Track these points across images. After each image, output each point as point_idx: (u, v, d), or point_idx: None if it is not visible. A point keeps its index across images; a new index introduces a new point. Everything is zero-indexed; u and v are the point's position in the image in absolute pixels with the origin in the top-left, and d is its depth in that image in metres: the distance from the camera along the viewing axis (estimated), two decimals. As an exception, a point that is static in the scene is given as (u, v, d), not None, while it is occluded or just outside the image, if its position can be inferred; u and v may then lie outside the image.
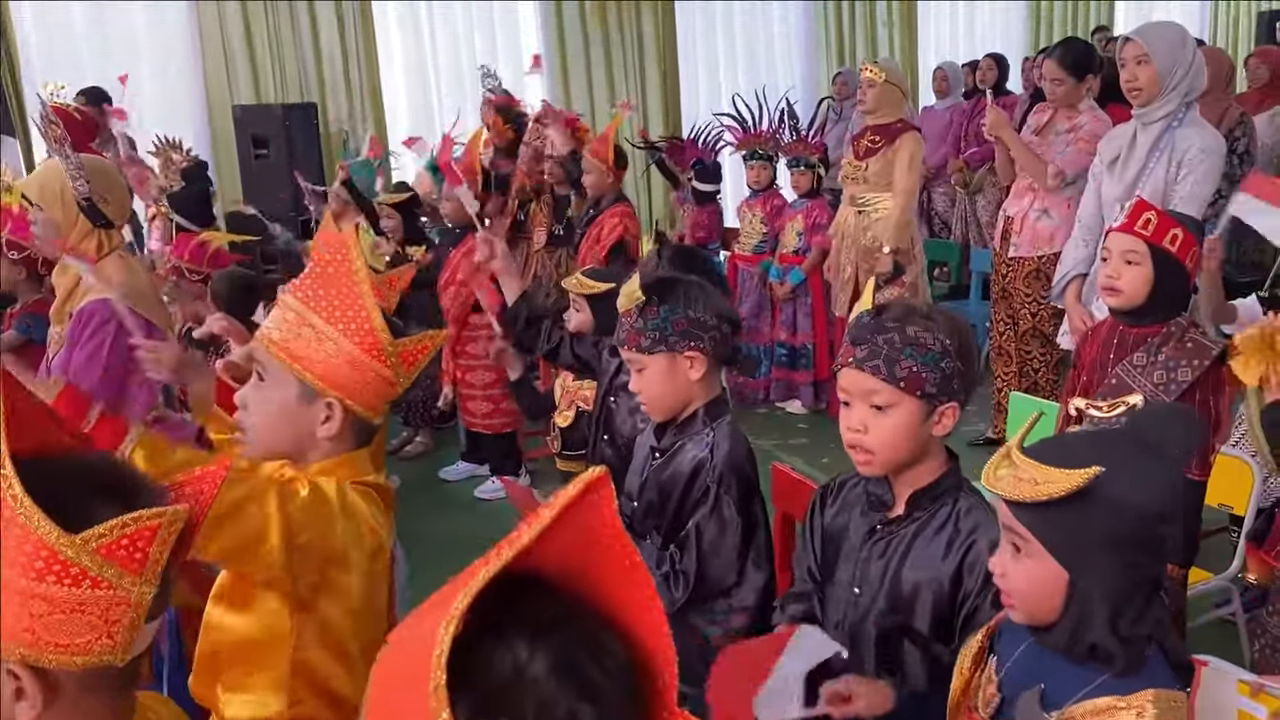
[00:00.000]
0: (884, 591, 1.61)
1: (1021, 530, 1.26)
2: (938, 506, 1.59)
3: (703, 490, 1.93)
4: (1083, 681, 1.27)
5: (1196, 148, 3.15)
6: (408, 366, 1.57)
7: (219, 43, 7.07)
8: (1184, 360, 2.28)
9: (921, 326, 1.54)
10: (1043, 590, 1.27)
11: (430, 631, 0.60)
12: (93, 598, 0.92)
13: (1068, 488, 1.19)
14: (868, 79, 4.81)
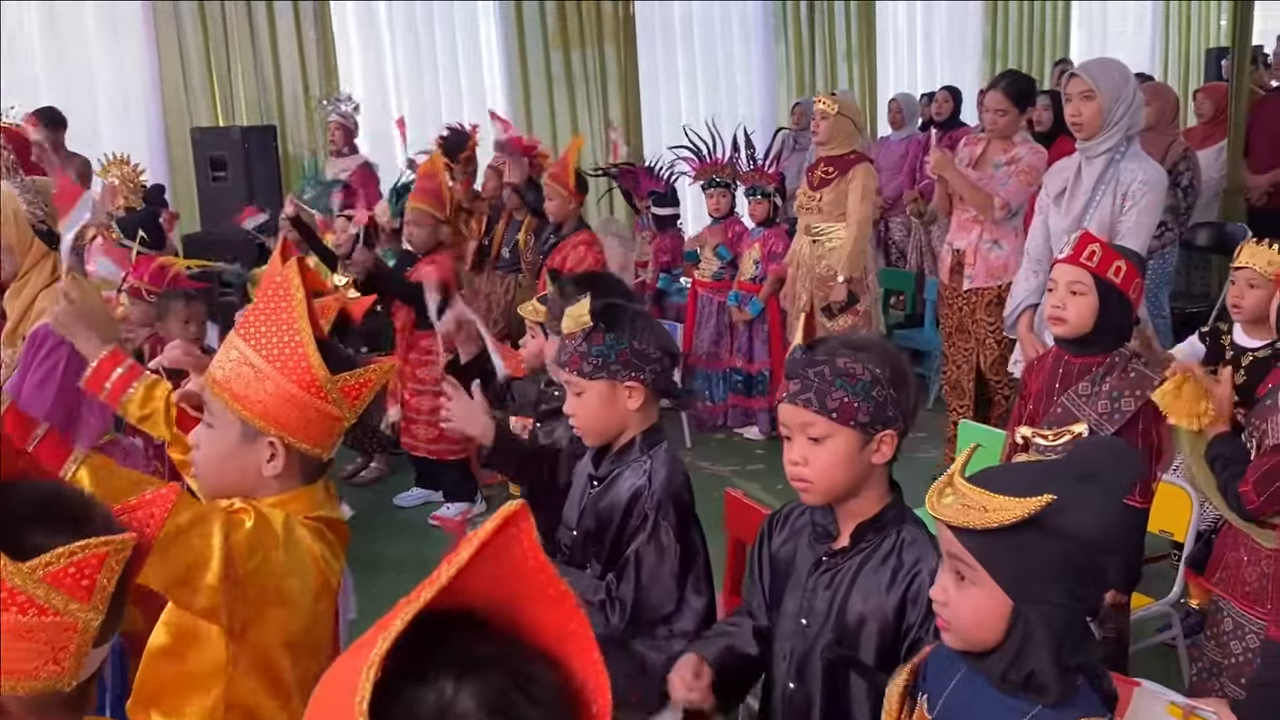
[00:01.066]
0: (830, 623, 1.63)
1: (968, 558, 1.26)
2: (881, 538, 1.61)
3: (641, 518, 1.93)
4: (1017, 715, 1.28)
5: (1140, 181, 3.23)
6: (352, 401, 1.56)
7: (177, 65, 7.03)
8: (1127, 390, 2.34)
9: (851, 358, 1.57)
10: (986, 618, 1.27)
11: (354, 673, 0.61)
12: (40, 625, 0.92)
13: (1019, 515, 1.19)
14: (821, 110, 4.90)
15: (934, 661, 1.42)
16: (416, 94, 7.99)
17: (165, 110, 7.08)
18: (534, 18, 8.20)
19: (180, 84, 7.05)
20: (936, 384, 6.02)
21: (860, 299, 4.93)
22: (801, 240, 5.08)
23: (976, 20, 10.52)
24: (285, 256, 1.67)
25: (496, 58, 8.29)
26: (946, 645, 1.36)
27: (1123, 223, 3.21)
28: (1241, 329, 2.81)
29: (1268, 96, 6.45)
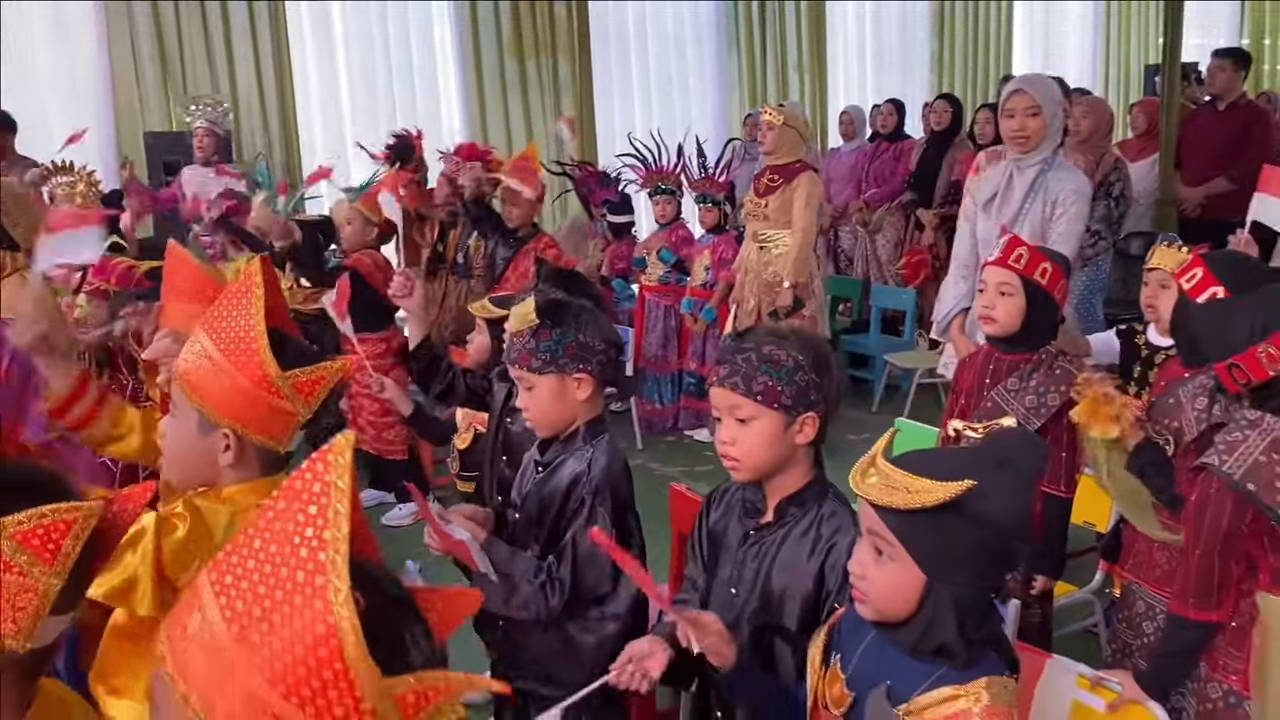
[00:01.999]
0: (756, 592, 1.74)
1: (888, 535, 1.35)
2: (804, 512, 1.73)
3: (579, 502, 2.02)
4: (923, 675, 1.38)
5: (1070, 189, 3.38)
6: (305, 397, 1.61)
7: (130, 68, 7.02)
8: (1053, 386, 2.46)
9: (775, 345, 1.69)
10: (899, 592, 1.36)
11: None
12: (2, 582, 0.98)
13: (941, 498, 1.28)
14: (767, 121, 5.03)
15: (846, 624, 1.52)
16: (371, 100, 8.03)
17: (117, 114, 7.06)
18: (489, 25, 8.28)
19: (133, 88, 7.03)
20: (880, 388, 6.19)
21: (805, 304, 5.05)
22: (749, 247, 5.20)
23: (924, 35, 10.75)
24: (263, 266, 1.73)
25: (452, 65, 8.35)
26: (862, 617, 1.44)
27: (1053, 229, 3.34)
28: (1155, 329, 2.95)
29: (1197, 111, 6.66)
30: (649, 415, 5.75)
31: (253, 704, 0.76)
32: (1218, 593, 1.91)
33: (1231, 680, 1.97)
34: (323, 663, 0.76)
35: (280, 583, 0.77)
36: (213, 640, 0.77)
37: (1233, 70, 6.05)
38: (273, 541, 0.79)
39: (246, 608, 0.77)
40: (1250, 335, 1.83)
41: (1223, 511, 1.87)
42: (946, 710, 1.34)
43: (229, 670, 0.76)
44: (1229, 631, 1.97)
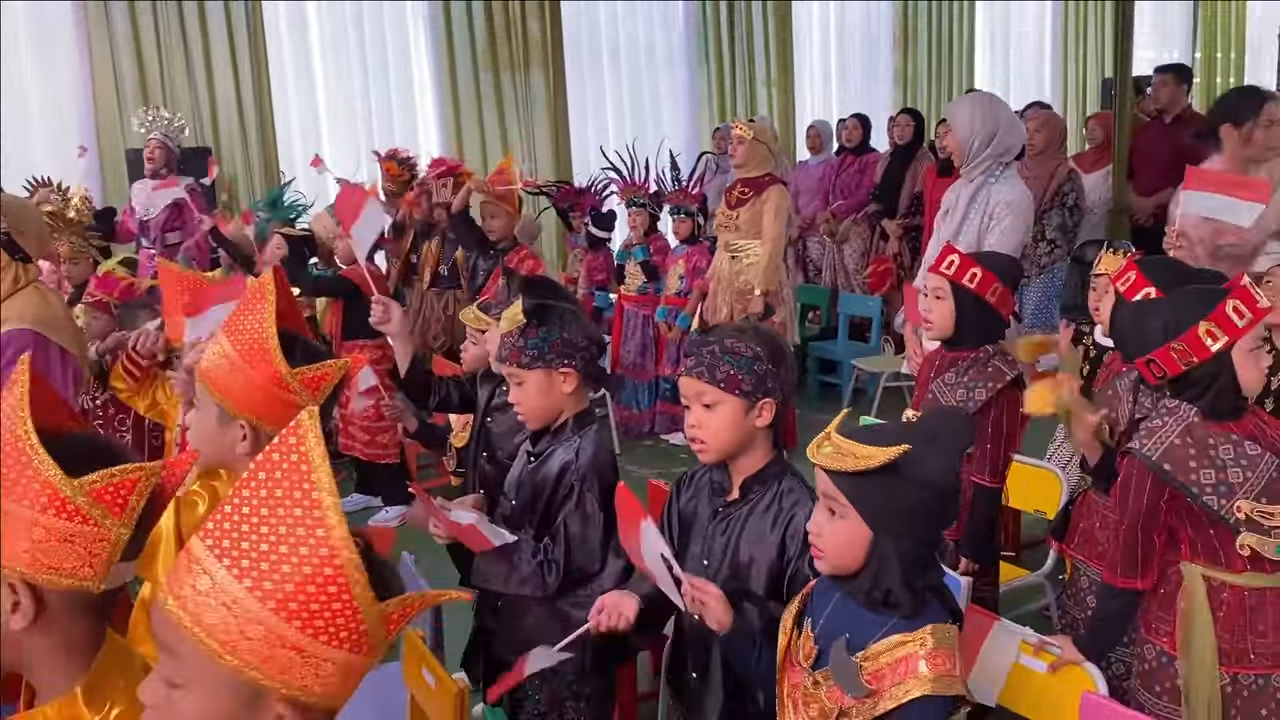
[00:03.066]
0: (726, 562, 1.94)
1: (840, 496, 1.57)
2: (765, 489, 1.93)
3: (568, 488, 2.20)
4: (877, 626, 1.59)
5: (1004, 202, 3.58)
6: (313, 391, 1.82)
7: (111, 89, 7.13)
8: (982, 382, 2.68)
9: (736, 339, 1.90)
10: (850, 547, 1.59)
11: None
12: (81, 532, 1.16)
13: (883, 460, 1.51)
14: (737, 136, 5.25)
15: (816, 593, 1.74)
16: (348, 114, 8.19)
17: (99, 131, 7.17)
18: (464, 40, 8.46)
19: (114, 106, 7.14)
20: (849, 391, 6.40)
21: (776, 310, 5.26)
22: (721, 256, 5.41)
23: (887, 50, 11.03)
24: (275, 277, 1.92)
25: (428, 79, 8.52)
26: (820, 572, 1.67)
27: (988, 239, 3.56)
28: (1101, 330, 3.16)
29: (1147, 124, 6.93)
30: (626, 420, 5.93)
31: (271, 639, 0.96)
32: (1142, 564, 2.11)
33: (1163, 642, 2.16)
34: (333, 597, 0.96)
35: (283, 538, 0.95)
36: (228, 595, 0.95)
37: (1175, 85, 6.31)
38: (264, 504, 0.97)
39: (254, 564, 0.95)
40: (1164, 333, 2.03)
41: (1144, 490, 2.06)
42: (897, 654, 1.55)
43: (248, 617, 0.95)
44: (1159, 598, 2.16)
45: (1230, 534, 2.01)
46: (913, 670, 1.53)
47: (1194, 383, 2.03)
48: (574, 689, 2.34)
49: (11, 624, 1.16)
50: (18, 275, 2.80)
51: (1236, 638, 2.05)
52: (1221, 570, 2.05)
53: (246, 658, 0.96)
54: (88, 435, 1.27)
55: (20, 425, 1.15)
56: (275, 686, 0.98)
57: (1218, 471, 1.99)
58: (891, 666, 1.55)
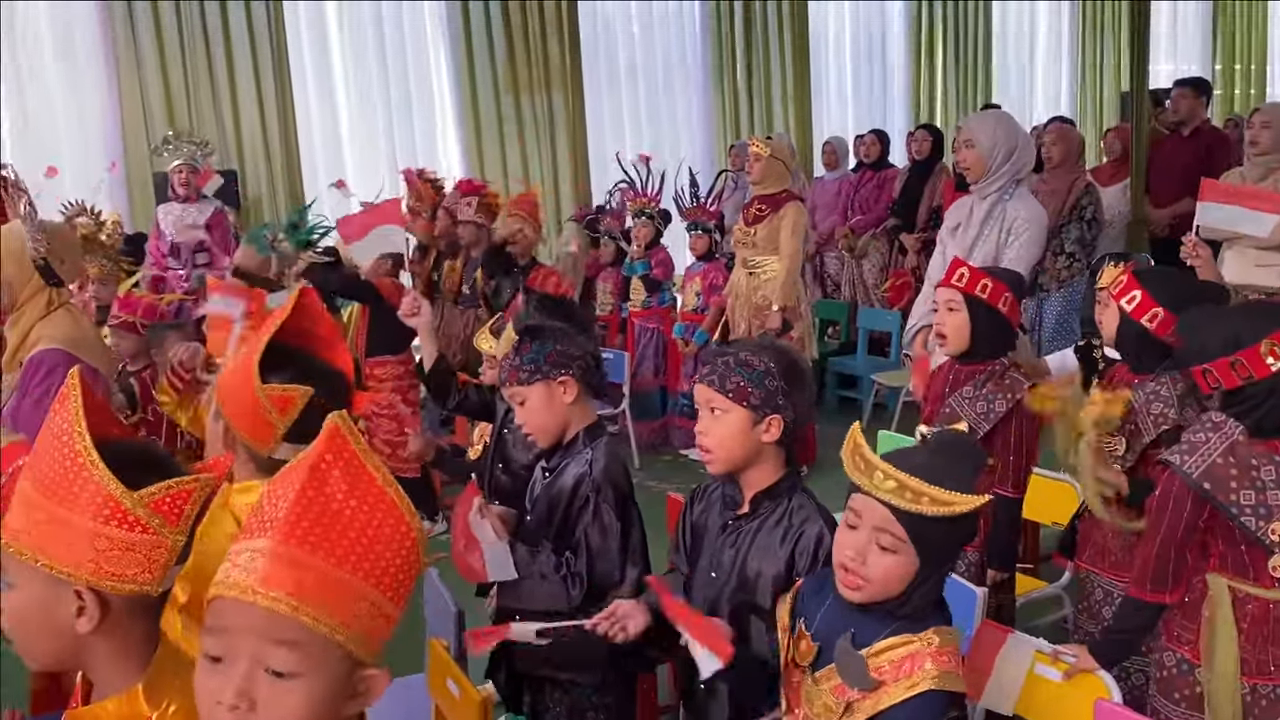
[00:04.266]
0: (734, 575, 1.97)
1: (900, 532, 1.53)
2: (776, 504, 1.96)
3: (584, 500, 2.25)
4: (881, 626, 1.62)
5: (1023, 218, 3.62)
6: (280, 409, 1.82)
7: (139, 110, 7.25)
8: (1001, 395, 2.71)
9: (751, 352, 1.94)
10: (896, 580, 1.58)
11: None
12: (141, 541, 1.22)
13: (969, 508, 1.50)
14: (754, 153, 5.30)
15: (806, 591, 1.77)
16: (370, 138, 8.29)
17: (127, 154, 7.30)
18: (485, 64, 8.55)
19: (142, 131, 7.27)
20: (868, 406, 6.42)
21: (794, 326, 5.29)
22: (739, 273, 5.45)
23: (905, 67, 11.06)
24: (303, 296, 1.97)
25: (449, 102, 8.62)
26: (851, 601, 1.62)
27: (1006, 255, 3.58)
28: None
29: (1164, 138, 6.94)
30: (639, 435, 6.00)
31: (360, 605, 1.08)
32: (1173, 579, 2.12)
33: (1184, 650, 2.17)
34: (410, 563, 1.11)
35: (365, 525, 1.08)
36: (329, 576, 1.06)
37: (1194, 98, 6.33)
38: (352, 496, 1.09)
39: (346, 552, 1.07)
40: (1225, 346, 2.02)
41: (1183, 508, 2.07)
42: (903, 652, 1.59)
43: (344, 590, 1.07)
44: (1183, 607, 2.17)
45: (1264, 553, 2.02)
46: (919, 666, 1.57)
47: (1246, 399, 2.03)
48: (594, 700, 2.37)
49: (78, 627, 1.22)
50: (51, 298, 2.89)
51: (1259, 649, 2.06)
52: (1249, 584, 2.06)
53: (355, 631, 1.06)
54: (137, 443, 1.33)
55: (79, 441, 1.20)
56: (366, 655, 1.09)
57: (1258, 493, 1.99)
58: (896, 664, 1.58)
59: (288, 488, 1.07)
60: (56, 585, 1.21)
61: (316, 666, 1.05)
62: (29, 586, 1.23)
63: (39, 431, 1.27)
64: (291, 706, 1.05)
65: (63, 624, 1.23)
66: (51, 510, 1.20)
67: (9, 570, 1.24)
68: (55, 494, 1.21)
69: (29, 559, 1.21)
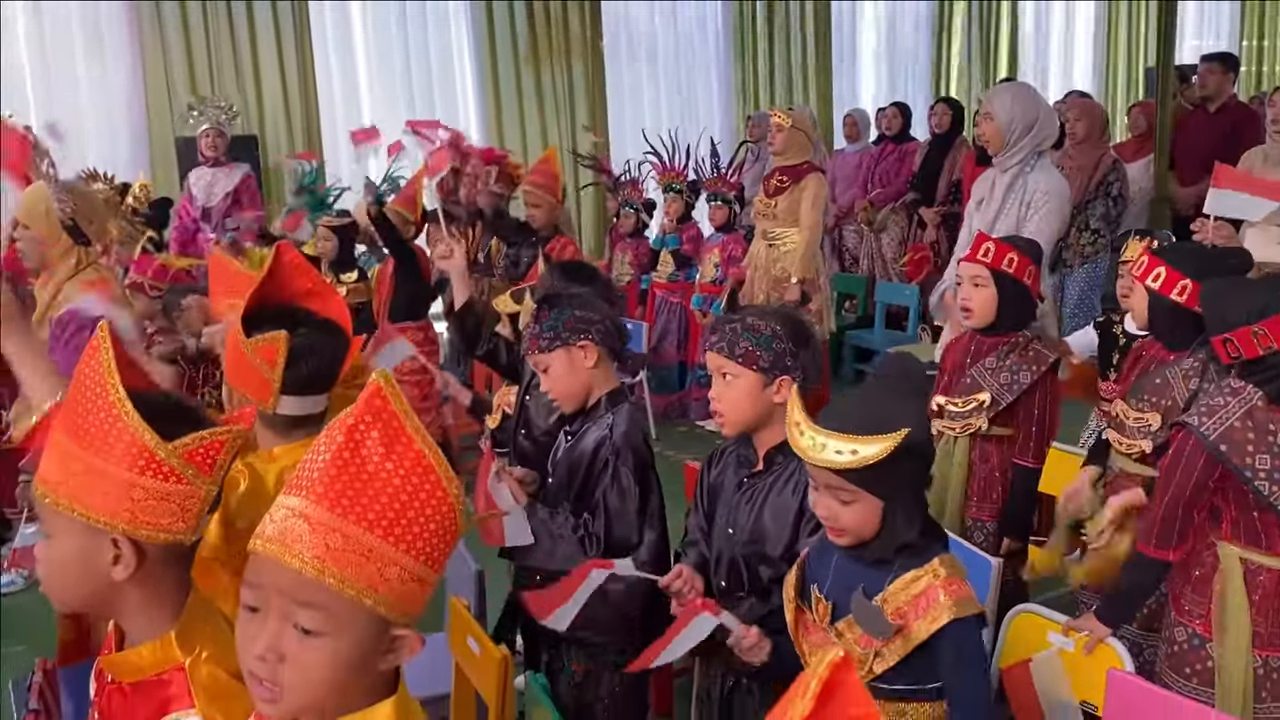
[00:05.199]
0: (749, 531, 2.03)
1: (848, 487, 1.64)
2: (788, 460, 1.99)
3: (603, 463, 2.28)
4: (885, 571, 1.69)
5: (1042, 190, 3.60)
6: (265, 359, 1.86)
7: (162, 75, 7.29)
8: (1025, 366, 2.71)
9: (758, 317, 2.00)
10: (868, 521, 1.67)
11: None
12: (176, 491, 1.25)
13: (886, 451, 1.55)
14: (776, 124, 5.28)
15: (811, 558, 1.82)
16: (391, 108, 8.28)
17: (150, 120, 7.33)
18: (505, 34, 8.53)
19: (164, 94, 7.30)
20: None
21: (812, 298, 5.29)
22: (758, 244, 5.45)
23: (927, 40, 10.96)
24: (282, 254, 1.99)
25: (469, 74, 8.61)
26: (841, 546, 1.73)
27: (1026, 227, 3.57)
28: (1131, 318, 3.16)
29: (1190, 114, 6.87)
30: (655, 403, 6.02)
31: (390, 570, 1.05)
32: (1178, 537, 2.14)
33: (1195, 624, 2.18)
34: (447, 529, 1.07)
35: (400, 489, 1.05)
36: (359, 540, 1.03)
37: (1221, 73, 6.25)
38: (389, 459, 1.06)
39: (378, 516, 1.04)
40: (1248, 315, 2.03)
41: (1194, 467, 2.08)
42: (913, 590, 1.65)
43: (374, 554, 1.04)
44: (1194, 580, 2.18)
45: (1277, 520, 2.03)
46: (934, 601, 1.62)
47: (1267, 368, 2.04)
48: (611, 661, 2.40)
49: (114, 575, 1.26)
50: (80, 258, 2.93)
51: (1270, 621, 2.08)
52: (1261, 553, 2.07)
53: (384, 595, 1.04)
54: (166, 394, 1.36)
55: (113, 393, 1.23)
56: (398, 618, 1.07)
57: (1273, 458, 2.00)
58: (912, 603, 1.63)
59: (326, 446, 1.06)
60: (94, 534, 1.24)
61: (342, 627, 1.04)
62: (66, 536, 1.26)
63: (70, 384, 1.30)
64: (316, 664, 1.04)
65: (99, 571, 1.26)
66: (88, 461, 1.23)
67: (46, 520, 1.28)
68: (91, 445, 1.24)
69: (65, 509, 1.24)
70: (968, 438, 2.76)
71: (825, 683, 0.59)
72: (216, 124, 6.41)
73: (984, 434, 2.75)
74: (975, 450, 2.77)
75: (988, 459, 2.78)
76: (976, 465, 2.78)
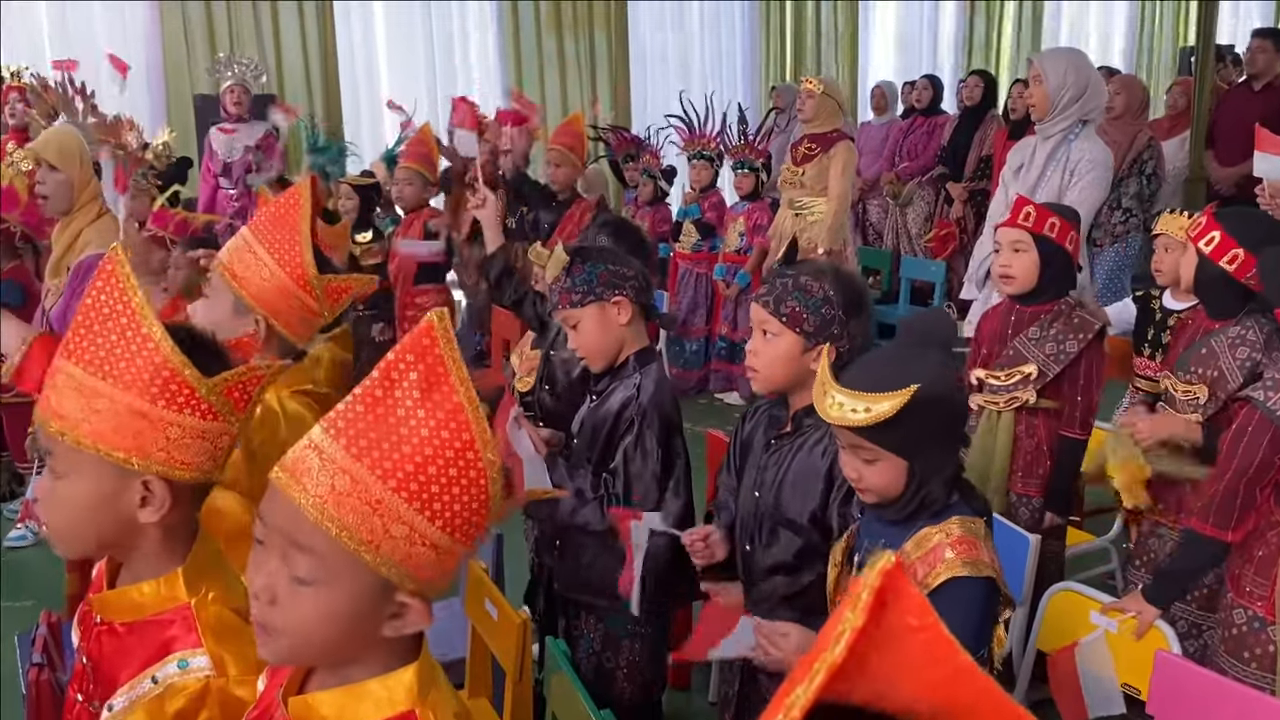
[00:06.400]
0: (774, 492, 1.94)
1: (868, 446, 1.58)
2: (817, 422, 1.88)
3: (628, 423, 2.18)
4: (907, 529, 1.63)
5: (1087, 159, 3.46)
6: (332, 300, 1.86)
7: (180, 32, 7.21)
8: (1071, 334, 2.60)
9: (812, 277, 1.87)
10: (893, 479, 1.60)
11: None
12: (212, 429, 1.19)
13: (896, 407, 1.49)
14: (807, 90, 5.15)
15: (863, 523, 1.75)
16: (411, 75, 8.19)
17: (167, 76, 7.26)
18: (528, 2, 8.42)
19: (183, 51, 7.22)
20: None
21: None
22: (784, 214, 5.34)
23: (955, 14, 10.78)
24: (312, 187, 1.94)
25: (490, 40, 8.50)
26: (868, 504, 1.69)
27: (1068, 196, 3.43)
28: (1170, 294, 3.07)
29: (1232, 91, 6.70)
30: (676, 377, 5.90)
31: (397, 528, 0.94)
32: (1238, 517, 2.04)
33: (1257, 606, 2.09)
34: (477, 501, 0.95)
35: (429, 441, 0.94)
36: (368, 488, 0.93)
37: (1274, 51, 6.09)
38: (422, 405, 0.95)
39: (395, 466, 0.93)
40: None
41: (1259, 443, 1.99)
42: (925, 547, 1.58)
43: (380, 507, 0.93)
44: (1256, 561, 2.09)
45: None
46: (940, 558, 1.56)
47: None
48: (629, 629, 2.33)
49: (142, 516, 1.19)
50: (101, 205, 2.85)
51: None
52: None
53: (385, 555, 0.94)
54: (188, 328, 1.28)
55: (148, 325, 1.15)
56: (406, 583, 0.96)
57: None
58: (922, 559, 1.57)
59: (363, 382, 0.96)
60: (119, 474, 1.17)
61: (336, 579, 0.95)
62: (84, 475, 1.17)
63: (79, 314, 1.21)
64: (303, 616, 0.97)
65: (121, 513, 1.18)
66: (115, 397, 1.14)
67: (61, 458, 1.18)
68: (121, 381, 1.15)
69: (89, 447, 1.15)
70: (1013, 412, 2.65)
71: (877, 592, 0.49)
72: (242, 80, 6.31)
73: (1030, 407, 2.65)
74: (1021, 424, 2.66)
75: (1034, 433, 2.67)
76: (1022, 439, 2.66)
